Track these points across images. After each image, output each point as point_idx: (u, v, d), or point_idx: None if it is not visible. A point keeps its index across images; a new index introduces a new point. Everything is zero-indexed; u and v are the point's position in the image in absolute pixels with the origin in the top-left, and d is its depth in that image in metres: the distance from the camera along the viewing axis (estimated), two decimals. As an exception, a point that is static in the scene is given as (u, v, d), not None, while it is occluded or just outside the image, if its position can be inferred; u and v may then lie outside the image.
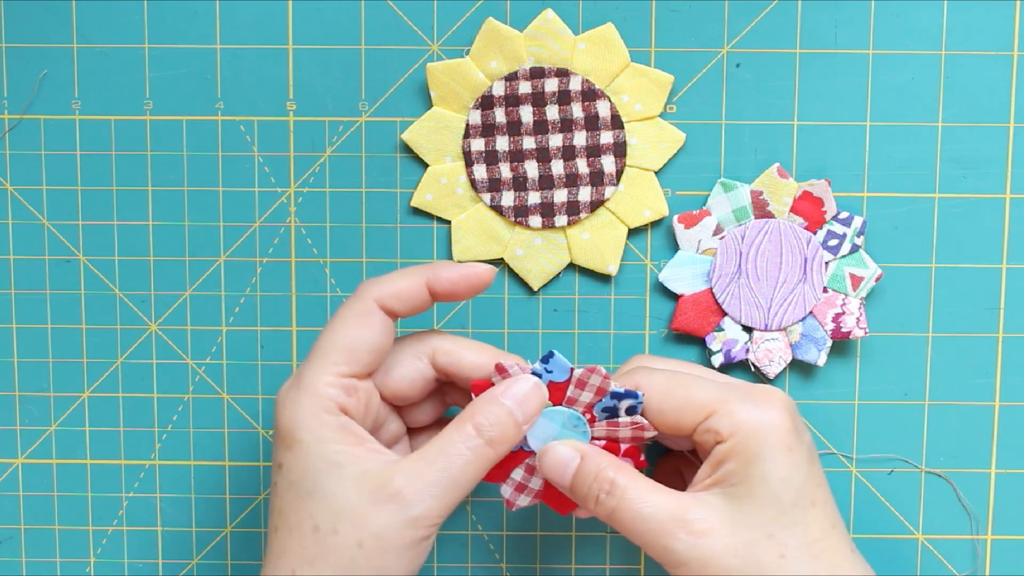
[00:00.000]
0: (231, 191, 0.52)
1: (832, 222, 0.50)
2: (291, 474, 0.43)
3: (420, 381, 0.46)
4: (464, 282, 0.45)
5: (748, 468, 0.42)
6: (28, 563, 0.53)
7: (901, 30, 0.50)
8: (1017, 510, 0.52)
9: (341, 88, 0.51)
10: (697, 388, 0.43)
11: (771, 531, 0.41)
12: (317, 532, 0.42)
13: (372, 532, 0.41)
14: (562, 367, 0.44)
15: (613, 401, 0.45)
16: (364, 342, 0.44)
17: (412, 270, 0.45)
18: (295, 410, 0.43)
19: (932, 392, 0.52)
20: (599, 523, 0.53)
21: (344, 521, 0.41)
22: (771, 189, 0.50)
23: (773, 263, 0.50)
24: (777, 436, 0.42)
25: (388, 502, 0.41)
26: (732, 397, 0.43)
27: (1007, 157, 0.51)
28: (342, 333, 0.44)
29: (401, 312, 0.44)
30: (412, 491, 0.41)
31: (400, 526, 0.41)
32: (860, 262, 0.50)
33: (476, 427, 0.43)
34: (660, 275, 0.51)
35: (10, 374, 0.53)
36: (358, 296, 0.44)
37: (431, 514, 0.42)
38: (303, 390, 0.43)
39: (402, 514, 0.41)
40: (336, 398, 0.43)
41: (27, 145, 0.52)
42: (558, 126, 0.50)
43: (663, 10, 0.50)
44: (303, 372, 0.44)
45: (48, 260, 0.52)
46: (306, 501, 0.42)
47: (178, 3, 0.51)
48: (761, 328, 0.51)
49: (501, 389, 0.44)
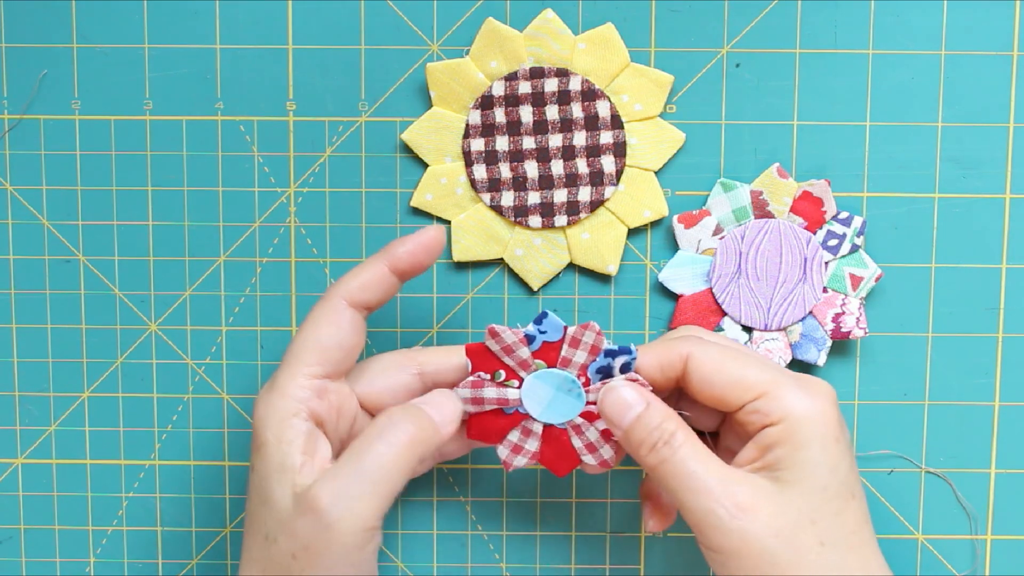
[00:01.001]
0: (231, 191, 0.52)
1: (832, 222, 0.50)
2: (256, 477, 0.43)
3: (403, 393, 0.46)
4: (421, 250, 0.45)
5: (797, 454, 0.42)
6: (28, 563, 0.53)
7: (901, 30, 0.50)
8: (1017, 510, 0.52)
9: (341, 88, 0.51)
10: (750, 367, 0.44)
11: (815, 518, 0.42)
12: (266, 540, 0.42)
13: (301, 544, 0.41)
14: (556, 327, 0.45)
15: (607, 360, 0.45)
16: (334, 340, 0.44)
17: (371, 259, 0.45)
18: (266, 412, 0.43)
19: (932, 392, 0.52)
20: (599, 522, 0.53)
21: (281, 531, 0.42)
22: (771, 189, 0.50)
23: (773, 263, 0.50)
24: (827, 426, 0.42)
25: (307, 513, 0.41)
26: (783, 381, 0.43)
27: (1007, 157, 0.51)
28: (312, 334, 0.44)
29: (373, 302, 0.45)
30: (329, 500, 0.41)
31: (326, 536, 0.41)
32: (860, 262, 0.50)
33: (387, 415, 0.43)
34: (660, 275, 0.51)
35: (10, 374, 0.53)
36: (326, 297, 0.45)
37: (354, 519, 0.41)
38: (275, 392, 0.44)
39: (321, 523, 0.41)
40: (307, 401, 0.44)
41: (27, 145, 0.52)
42: (558, 126, 0.50)
43: (663, 10, 0.50)
44: (277, 375, 0.44)
45: (48, 260, 0.52)
46: (260, 509, 0.43)
47: (178, 3, 0.51)
48: (761, 328, 0.51)
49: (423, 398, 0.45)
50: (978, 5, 0.50)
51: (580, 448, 0.47)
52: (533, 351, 0.45)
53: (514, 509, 0.53)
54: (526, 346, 0.45)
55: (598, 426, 0.46)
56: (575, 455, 0.47)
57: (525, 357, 0.45)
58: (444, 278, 0.52)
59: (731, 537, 0.42)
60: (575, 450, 0.47)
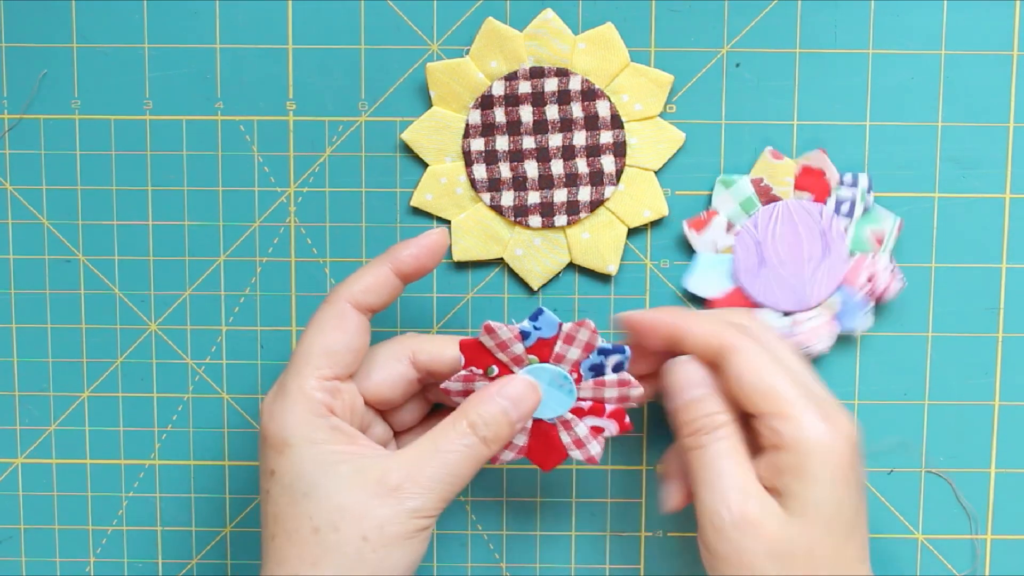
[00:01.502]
0: (231, 191, 0.52)
1: (838, 188, 0.50)
2: (285, 478, 0.43)
3: (402, 383, 0.47)
4: (425, 253, 0.46)
5: (805, 490, 0.42)
6: (28, 563, 0.53)
7: (900, 30, 0.50)
8: (1017, 510, 0.52)
9: (341, 88, 0.51)
10: (782, 379, 0.43)
11: (813, 550, 0.42)
12: (317, 533, 0.42)
13: (374, 525, 0.42)
14: (551, 323, 0.45)
15: (600, 357, 0.45)
16: (342, 344, 0.44)
17: (375, 262, 0.46)
18: (283, 416, 0.43)
19: (932, 392, 0.52)
20: (599, 522, 0.53)
21: (345, 518, 0.42)
22: (770, 173, 0.50)
23: (793, 243, 0.50)
24: (837, 464, 0.42)
25: (388, 496, 0.42)
26: (806, 406, 0.43)
27: (1007, 157, 0.51)
28: (319, 338, 0.44)
29: (376, 305, 0.45)
30: (410, 484, 0.42)
31: (401, 517, 0.42)
32: (877, 218, 0.50)
33: (471, 425, 0.44)
34: (686, 283, 0.51)
35: (10, 374, 0.53)
36: (331, 300, 0.45)
37: (429, 506, 0.43)
38: (289, 396, 0.44)
39: (401, 506, 0.42)
40: (323, 400, 0.44)
41: (27, 145, 0.52)
42: (558, 126, 0.50)
43: (663, 10, 0.50)
44: (286, 380, 0.44)
45: (48, 260, 0.52)
46: (302, 504, 0.43)
47: (178, 3, 0.51)
48: (800, 309, 0.50)
49: (497, 387, 0.45)
50: (978, 5, 0.50)
51: (568, 443, 0.47)
52: (527, 347, 0.45)
53: (514, 509, 0.53)
54: (520, 342, 0.45)
55: (587, 422, 0.47)
56: (563, 450, 0.47)
57: (519, 353, 0.45)
58: (444, 278, 0.52)
59: (728, 544, 0.42)
60: (563, 445, 0.47)
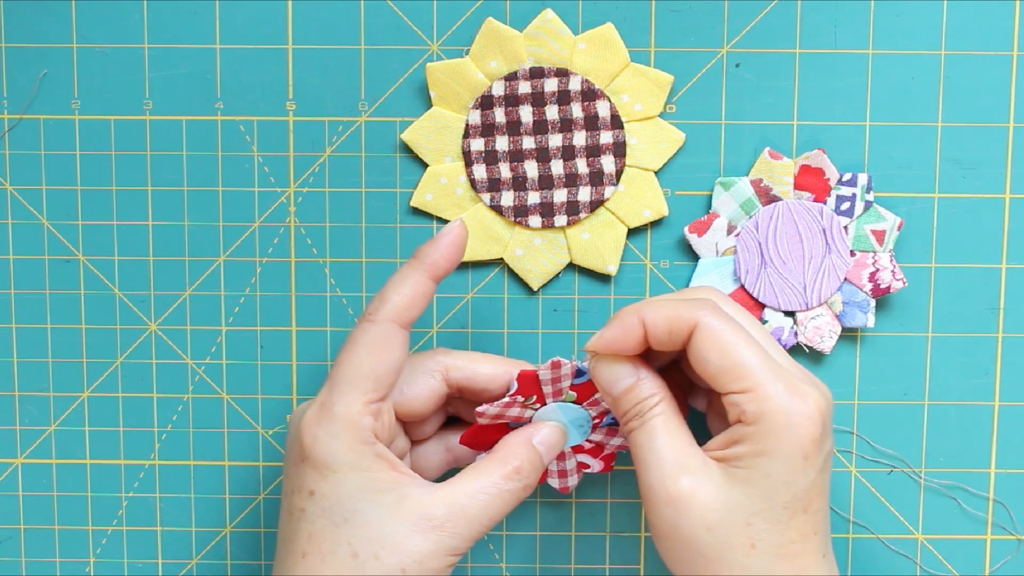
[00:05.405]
0: (231, 191, 0.52)
1: (838, 186, 0.50)
2: (325, 501, 0.43)
3: (433, 398, 0.47)
4: (455, 249, 0.45)
5: (756, 459, 0.41)
6: (28, 563, 0.53)
7: (900, 30, 0.50)
8: (1017, 510, 0.52)
9: (341, 88, 0.51)
10: (749, 354, 0.42)
11: (751, 521, 0.41)
12: (356, 558, 0.42)
13: (415, 559, 0.42)
14: None
15: None
16: (388, 365, 0.44)
17: (408, 272, 0.45)
18: (330, 441, 0.43)
19: (932, 392, 0.52)
20: (599, 522, 0.53)
21: (386, 547, 0.42)
22: (769, 173, 0.50)
23: (794, 243, 0.50)
24: (797, 442, 0.41)
25: (431, 531, 0.43)
26: (773, 381, 0.42)
27: (1007, 157, 0.51)
28: (367, 359, 0.44)
29: (417, 316, 0.45)
30: (453, 523, 0.43)
31: (441, 554, 0.43)
32: (877, 216, 0.50)
33: (517, 471, 0.44)
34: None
35: (10, 374, 0.53)
36: (374, 320, 0.44)
37: (464, 545, 0.43)
38: (337, 421, 0.43)
39: (442, 543, 0.43)
40: (370, 426, 0.44)
41: (27, 145, 0.52)
42: (558, 126, 0.50)
43: (663, 10, 0.50)
44: (332, 401, 0.44)
45: (48, 260, 0.52)
46: (343, 528, 0.43)
47: (178, 3, 0.51)
48: (803, 309, 0.50)
49: (531, 432, 0.46)
50: (978, 5, 0.50)
51: (551, 471, 0.49)
52: (574, 384, 0.46)
53: (514, 509, 0.53)
54: (572, 378, 0.46)
55: (578, 458, 0.48)
56: (543, 476, 0.49)
57: (563, 387, 0.46)
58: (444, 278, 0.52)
59: (664, 521, 0.42)
60: (546, 471, 0.49)
